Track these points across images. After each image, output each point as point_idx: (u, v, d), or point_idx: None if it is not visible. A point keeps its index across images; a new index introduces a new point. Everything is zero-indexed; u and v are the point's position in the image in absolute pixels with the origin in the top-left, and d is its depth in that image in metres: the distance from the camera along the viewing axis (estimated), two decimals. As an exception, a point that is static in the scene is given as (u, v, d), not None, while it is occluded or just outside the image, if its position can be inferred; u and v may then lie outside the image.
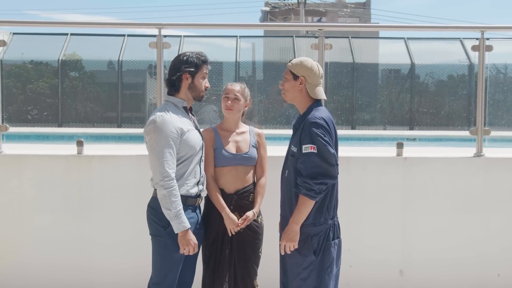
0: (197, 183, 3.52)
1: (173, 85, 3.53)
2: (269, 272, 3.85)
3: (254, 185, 3.81)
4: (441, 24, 20.93)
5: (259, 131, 3.93)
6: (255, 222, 3.76)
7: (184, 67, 3.49)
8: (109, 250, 4.59)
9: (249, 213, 3.69)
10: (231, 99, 3.78)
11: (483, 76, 4.82)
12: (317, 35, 4.76)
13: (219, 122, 3.93)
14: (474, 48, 4.84)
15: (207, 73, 3.58)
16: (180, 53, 3.59)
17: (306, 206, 3.27)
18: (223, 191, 3.72)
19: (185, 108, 3.56)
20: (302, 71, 3.40)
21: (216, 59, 15.52)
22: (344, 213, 3.57)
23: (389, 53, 16.92)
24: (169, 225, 3.37)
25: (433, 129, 14.74)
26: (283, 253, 3.39)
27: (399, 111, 15.71)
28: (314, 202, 3.27)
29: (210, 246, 3.71)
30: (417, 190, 4.66)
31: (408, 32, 18.26)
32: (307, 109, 3.40)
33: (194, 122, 3.60)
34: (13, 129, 5.02)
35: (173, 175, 3.34)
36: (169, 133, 3.35)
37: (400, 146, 4.71)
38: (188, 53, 3.53)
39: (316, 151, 3.23)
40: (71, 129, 14.07)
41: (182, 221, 3.34)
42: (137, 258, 4.36)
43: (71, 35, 15.35)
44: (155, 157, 3.34)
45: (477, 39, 4.82)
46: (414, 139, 12.83)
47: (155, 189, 3.40)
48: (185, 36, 15.33)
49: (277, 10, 39.31)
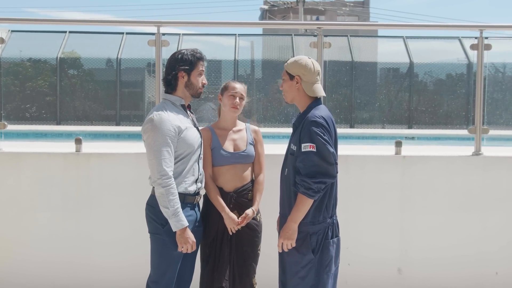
0: (196, 181, 3.51)
1: (170, 84, 3.52)
2: (267, 270, 3.85)
3: (252, 182, 3.81)
4: (440, 23, 20.95)
5: (256, 128, 3.92)
6: (254, 220, 3.75)
7: (179, 65, 3.47)
8: (108, 248, 4.59)
9: (249, 211, 3.69)
10: (239, 97, 3.77)
11: (481, 75, 4.82)
12: (316, 34, 4.76)
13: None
14: (472, 47, 4.84)
15: (204, 69, 3.56)
16: (175, 51, 3.57)
17: (304, 204, 3.27)
18: (222, 189, 3.72)
19: (183, 106, 3.55)
20: (296, 70, 3.40)
21: (215, 57, 15.53)
22: (342, 212, 3.58)
23: (387, 52, 16.93)
24: (167, 223, 3.37)
25: (432, 127, 14.75)
26: (280, 251, 3.39)
27: (397, 110, 15.72)
28: (312, 201, 3.27)
29: (209, 244, 3.71)
30: (416, 188, 4.66)
31: (407, 30, 18.21)
32: (307, 108, 3.39)
33: (192, 120, 3.60)
34: (11, 127, 5.01)
35: (171, 174, 3.34)
36: (167, 132, 3.34)
37: (398, 144, 4.71)
38: (183, 51, 3.51)
39: (315, 150, 3.23)
40: (70, 127, 14.05)
41: (180, 219, 3.34)
42: (135, 256, 4.36)
43: (70, 33, 15.34)
44: (153, 156, 3.34)
45: (476, 38, 4.82)
46: (412, 138, 12.84)
47: (154, 187, 3.40)
48: (184, 34, 15.34)
49: (276, 8, 39.31)
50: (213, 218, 3.69)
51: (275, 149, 4.25)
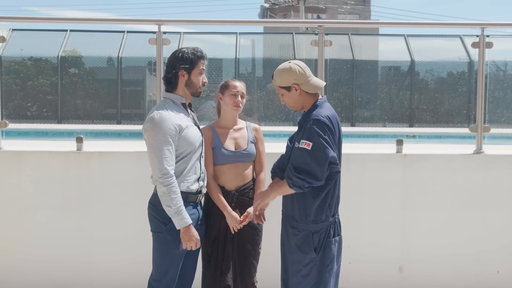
0: (198, 179, 3.51)
1: (170, 83, 3.51)
2: (269, 268, 3.86)
3: (253, 181, 3.81)
4: (441, 21, 20.92)
5: (256, 126, 3.92)
6: (255, 218, 3.75)
7: (179, 64, 3.45)
8: (109, 246, 4.59)
9: (250, 210, 3.68)
10: (240, 96, 3.77)
11: (483, 73, 4.82)
12: (317, 32, 4.76)
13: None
14: (474, 45, 4.83)
15: (204, 68, 3.54)
16: (176, 49, 3.55)
17: (287, 190, 3.33)
18: (223, 188, 3.72)
19: (184, 104, 3.55)
20: (289, 80, 3.38)
21: (215, 56, 15.52)
22: (343, 210, 3.57)
23: (389, 50, 16.90)
24: (169, 221, 3.37)
25: (433, 126, 14.72)
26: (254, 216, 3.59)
27: (399, 108, 15.70)
28: (293, 191, 3.30)
29: (211, 243, 3.71)
30: (417, 187, 4.66)
31: (408, 29, 18.29)
32: (312, 106, 3.40)
33: (193, 118, 3.59)
34: (12, 126, 5.01)
35: (172, 172, 3.33)
36: (168, 130, 3.34)
37: (399, 143, 4.71)
38: (183, 49, 3.49)
39: (309, 149, 3.23)
40: (71, 125, 14.04)
41: (183, 217, 3.34)
42: (137, 254, 4.36)
43: (71, 31, 15.31)
44: (154, 155, 3.34)
45: (477, 36, 4.82)
46: (413, 136, 12.83)
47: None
48: (185, 32, 15.31)
49: (277, 6, 39.25)
50: (215, 217, 3.69)
51: (276, 148, 4.24)
